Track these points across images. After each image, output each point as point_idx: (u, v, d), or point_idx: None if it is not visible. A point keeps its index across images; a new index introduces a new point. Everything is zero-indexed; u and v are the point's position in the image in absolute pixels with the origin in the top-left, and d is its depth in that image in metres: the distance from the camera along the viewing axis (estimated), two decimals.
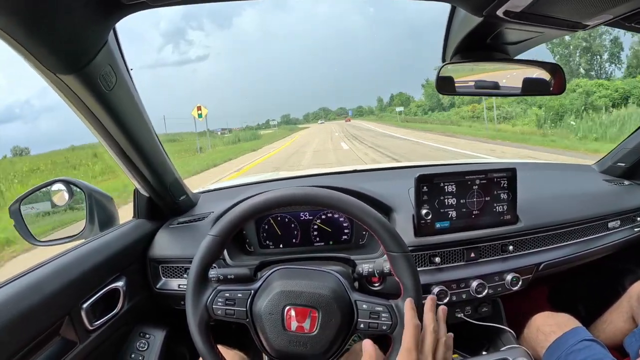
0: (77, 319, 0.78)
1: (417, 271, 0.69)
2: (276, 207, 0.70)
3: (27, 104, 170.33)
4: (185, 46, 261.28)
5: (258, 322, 0.67)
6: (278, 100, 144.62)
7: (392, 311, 0.67)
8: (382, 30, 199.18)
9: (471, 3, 0.65)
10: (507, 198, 1.00)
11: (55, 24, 0.52)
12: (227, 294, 0.68)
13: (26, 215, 0.98)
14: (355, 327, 0.68)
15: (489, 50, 0.82)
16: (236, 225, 0.70)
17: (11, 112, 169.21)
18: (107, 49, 0.63)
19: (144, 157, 0.86)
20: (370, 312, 0.68)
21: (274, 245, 1.11)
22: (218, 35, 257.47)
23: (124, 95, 0.74)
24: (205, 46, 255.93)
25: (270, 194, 0.69)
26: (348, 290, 0.70)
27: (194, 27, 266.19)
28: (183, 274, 0.99)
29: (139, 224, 1.04)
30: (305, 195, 0.69)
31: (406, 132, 21.54)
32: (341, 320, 0.67)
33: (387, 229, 0.68)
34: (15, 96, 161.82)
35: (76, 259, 0.83)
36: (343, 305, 0.68)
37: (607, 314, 1.12)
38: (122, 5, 0.58)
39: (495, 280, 0.98)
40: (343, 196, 0.69)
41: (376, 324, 0.67)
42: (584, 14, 0.70)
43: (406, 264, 0.68)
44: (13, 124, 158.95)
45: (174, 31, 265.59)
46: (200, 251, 0.69)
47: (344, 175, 1.38)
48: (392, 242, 0.68)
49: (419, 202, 0.95)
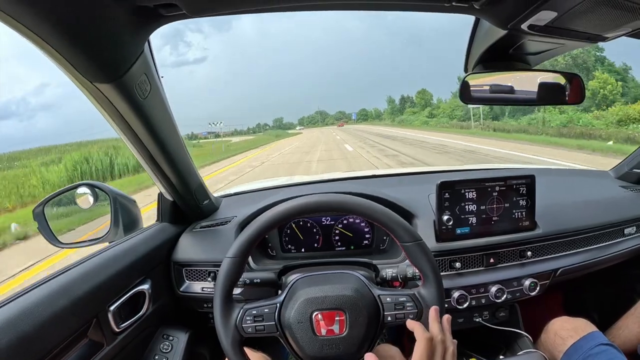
0: (104, 321, 0.79)
1: (433, 256, 0.71)
2: (283, 221, 0.72)
3: (23, 101, 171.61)
4: (183, 48, 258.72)
5: (289, 332, 0.68)
6: (273, 103, 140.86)
7: (416, 299, 0.70)
8: (385, 35, 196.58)
9: (497, 16, 0.67)
10: (526, 204, 1.01)
11: (96, 33, 0.53)
12: (254, 311, 0.69)
13: (50, 217, 1.00)
14: (383, 321, 0.70)
15: (511, 60, 0.84)
16: (251, 244, 0.71)
17: (7, 109, 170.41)
18: (143, 58, 0.65)
19: (172, 163, 0.88)
20: (395, 303, 0.70)
21: (295, 250, 1.13)
22: (217, 38, 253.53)
23: (157, 103, 0.75)
24: (204, 48, 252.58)
25: (274, 211, 0.71)
26: (370, 287, 0.72)
27: (192, 29, 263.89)
28: (207, 277, 1.01)
29: (163, 228, 1.05)
30: (307, 204, 0.71)
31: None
32: (368, 317, 0.68)
33: (397, 221, 0.71)
34: (11, 93, 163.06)
35: (103, 262, 0.84)
36: (367, 302, 0.70)
37: (622, 319, 1.13)
38: (160, 16, 0.59)
39: (513, 286, 1.00)
40: (347, 197, 0.72)
41: (402, 315, 0.69)
42: (605, 27, 0.72)
43: (421, 252, 0.70)
44: (9, 121, 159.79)
45: (173, 32, 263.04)
46: (221, 275, 0.70)
47: (363, 180, 1.40)
48: (404, 233, 0.70)
49: (441, 208, 0.97)
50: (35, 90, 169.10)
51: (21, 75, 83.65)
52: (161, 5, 0.56)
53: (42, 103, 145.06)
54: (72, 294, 0.72)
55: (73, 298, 0.71)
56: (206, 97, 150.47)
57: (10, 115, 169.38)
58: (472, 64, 0.85)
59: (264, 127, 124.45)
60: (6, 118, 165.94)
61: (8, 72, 33.76)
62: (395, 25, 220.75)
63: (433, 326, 0.65)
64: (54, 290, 0.70)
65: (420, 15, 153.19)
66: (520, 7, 0.62)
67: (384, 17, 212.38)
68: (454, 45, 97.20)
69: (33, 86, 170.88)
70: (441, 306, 0.69)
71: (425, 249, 0.71)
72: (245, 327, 0.68)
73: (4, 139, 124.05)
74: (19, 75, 69.24)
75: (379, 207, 0.71)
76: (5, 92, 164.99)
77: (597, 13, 0.64)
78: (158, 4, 0.55)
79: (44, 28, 0.49)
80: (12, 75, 41.15)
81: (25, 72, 45.19)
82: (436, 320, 0.66)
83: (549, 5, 0.61)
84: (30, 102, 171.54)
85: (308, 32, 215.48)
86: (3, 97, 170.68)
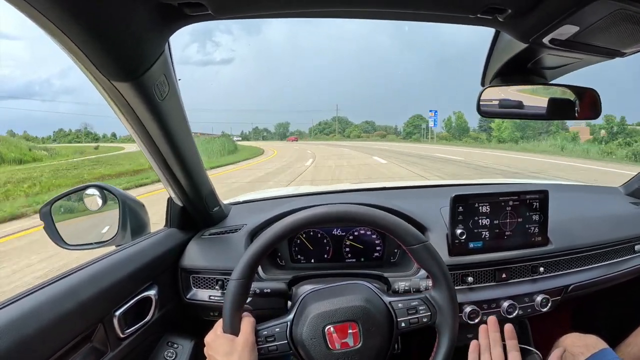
0: (109, 326, 0.77)
1: (440, 257, 0.71)
2: (281, 240, 0.70)
3: (47, 82, 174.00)
4: (211, 47, 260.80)
5: (302, 349, 0.67)
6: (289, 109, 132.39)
7: (428, 302, 0.69)
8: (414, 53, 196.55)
9: (519, 30, 0.67)
10: (539, 220, 1.00)
11: (118, 30, 0.52)
12: (265, 331, 0.68)
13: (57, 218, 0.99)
14: (397, 327, 0.69)
15: (529, 74, 0.84)
16: (254, 264, 0.69)
17: (31, 88, 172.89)
18: (163, 58, 0.63)
19: (184, 167, 0.87)
20: (407, 309, 0.69)
21: (305, 261, 1.11)
22: (245, 40, 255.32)
23: (173, 106, 0.74)
24: (231, 50, 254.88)
25: (272, 231, 0.69)
26: (380, 295, 0.71)
27: (222, 29, 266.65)
28: (214, 285, 0.99)
29: (172, 233, 1.04)
30: (307, 218, 0.69)
31: None
32: (382, 326, 0.67)
33: (401, 226, 0.70)
34: (35, 74, 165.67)
35: (111, 265, 0.83)
36: (379, 310, 0.69)
37: (632, 336, 1.11)
38: (185, 16, 0.57)
39: (525, 302, 0.98)
40: (346, 206, 0.71)
41: (416, 319, 0.69)
42: (625, 43, 0.73)
43: (428, 253, 0.70)
44: (32, 101, 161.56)
45: (203, 30, 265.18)
46: (227, 300, 0.68)
47: (374, 192, 1.38)
48: (409, 236, 0.70)
49: (454, 222, 0.96)
50: (60, 72, 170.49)
51: (47, 57, 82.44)
52: (186, 4, 0.54)
53: (67, 86, 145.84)
54: (78, 297, 0.70)
55: (79, 301, 0.70)
56: (222, 98, 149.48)
57: (33, 95, 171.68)
58: (489, 77, 0.85)
59: (261, 133, 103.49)
60: (29, 97, 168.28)
61: (34, 52, 32.97)
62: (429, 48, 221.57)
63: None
64: (60, 292, 0.68)
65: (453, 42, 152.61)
66: (544, 21, 0.62)
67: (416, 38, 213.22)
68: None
69: (60, 68, 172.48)
70: (453, 306, 0.69)
71: (432, 250, 0.70)
72: (258, 349, 0.67)
73: (25, 118, 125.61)
74: (45, 57, 67.18)
75: (381, 212, 0.71)
76: (30, 72, 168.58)
77: (618, 28, 0.64)
78: (183, 2, 0.54)
79: (65, 22, 0.47)
80: (38, 56, 39.80)
81: (52, 53, 44.21)
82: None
83: (572, 20, 0.61)
84: (54, 84, 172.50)
85: (337, 43, 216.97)
86: (26, 76, 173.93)
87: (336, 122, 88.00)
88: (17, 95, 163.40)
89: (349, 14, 0.60)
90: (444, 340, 0.68)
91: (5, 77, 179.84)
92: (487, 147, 28.83)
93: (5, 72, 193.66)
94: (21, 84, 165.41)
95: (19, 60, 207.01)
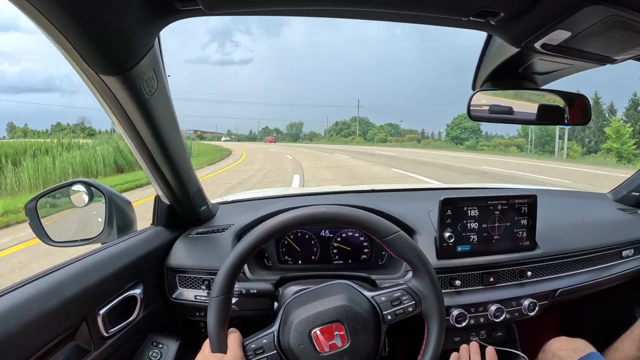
0: (93, 325, 0.76)
1: (416, 245, 0.70)
2: (254, 250, 0.69)
3: (67, 78, 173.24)
4: (230, 47, 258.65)
5: (292, 357, 0.66)
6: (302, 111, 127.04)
7: (411, 291, 0.69)
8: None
9: (511, 34, 0.67)
10: (527, 224, 1.01)
11: (107, 23, 0.51)
12: (253, 344, 0.67)
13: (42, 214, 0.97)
14: (384, 321, 0.68)
15: (519, 79, 0.84)
16: (231, 278, 0.67)
17: (51, 82, 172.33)
18: (152, 53, 0.62)
19: (172, 165, 0.86)
20: (391, 301, 0.68)
21: (292, 262, 1.10)
22: (264, 41, 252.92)
23: (162, 102, 0.73)
24: (250, 50, 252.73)
25: (246, 241, 0.68)
26: (361, 291, 0.71)
27: (242, 30, 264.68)
28: (200, 285, 0.98)
29: (158, 232, 1.02)
30: (280, 224, 0.68)
31: None
32: (368, 322, 0.67)
33: (371, 219, 0.69)
34: (57, 69, 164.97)
35: (96, 263, 0.81)
36: (363, 307, 0.68)
37: (618, 341, 1.12)
38: (175, 10, 0.57)
39: (512, 305, 0.99)
40: (312, 208, 0.69)
41: (402, 310, 0.68)
42: (616, 50, 0.73)
43: (403, 243, 0.69)
44: (52, 94, 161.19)
45: (222, 30, 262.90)
46: (210, 318, 0.66)
47: (362, 194, 1.38)
48: (381, 229, 0.69)
49: (442, 225, 0.96)
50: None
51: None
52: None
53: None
54: (61, 295, 0.68)
55: (62, 299, 0.68)
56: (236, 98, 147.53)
57: (53, 89, 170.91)
58: (480, 81, 0.85)
59: (271, 133, 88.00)
60: (49, 91, 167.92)
61: (53, 47, 32.25)
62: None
63: None
64: (43, 290, 0.66)
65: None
66: (537, 26, 0.62)
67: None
68: None
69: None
70: (436, 292, 0.68)
71: (407, 239, 0.69)
72: None
73: (45, 111, 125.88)
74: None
75: (349, 209, 0.69)
76: (51, 67, 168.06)
77: (609, 35, 0.64)
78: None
79: (53, 12, 0.46)
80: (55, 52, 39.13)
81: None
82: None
83: (564, 25, 0.61)
84: (74, 80, 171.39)
85: (357, 46, 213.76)
86: (47, 71, 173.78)
87: (357, 122, 71.20)
88: (37, 88, 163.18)
89: (339, 13, 0.60)
90: (434, 326, 0.67)
91: (26, 70, 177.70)
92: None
93: (26, 66, 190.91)
94: (41, 78, 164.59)
95: (40, 54, 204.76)
